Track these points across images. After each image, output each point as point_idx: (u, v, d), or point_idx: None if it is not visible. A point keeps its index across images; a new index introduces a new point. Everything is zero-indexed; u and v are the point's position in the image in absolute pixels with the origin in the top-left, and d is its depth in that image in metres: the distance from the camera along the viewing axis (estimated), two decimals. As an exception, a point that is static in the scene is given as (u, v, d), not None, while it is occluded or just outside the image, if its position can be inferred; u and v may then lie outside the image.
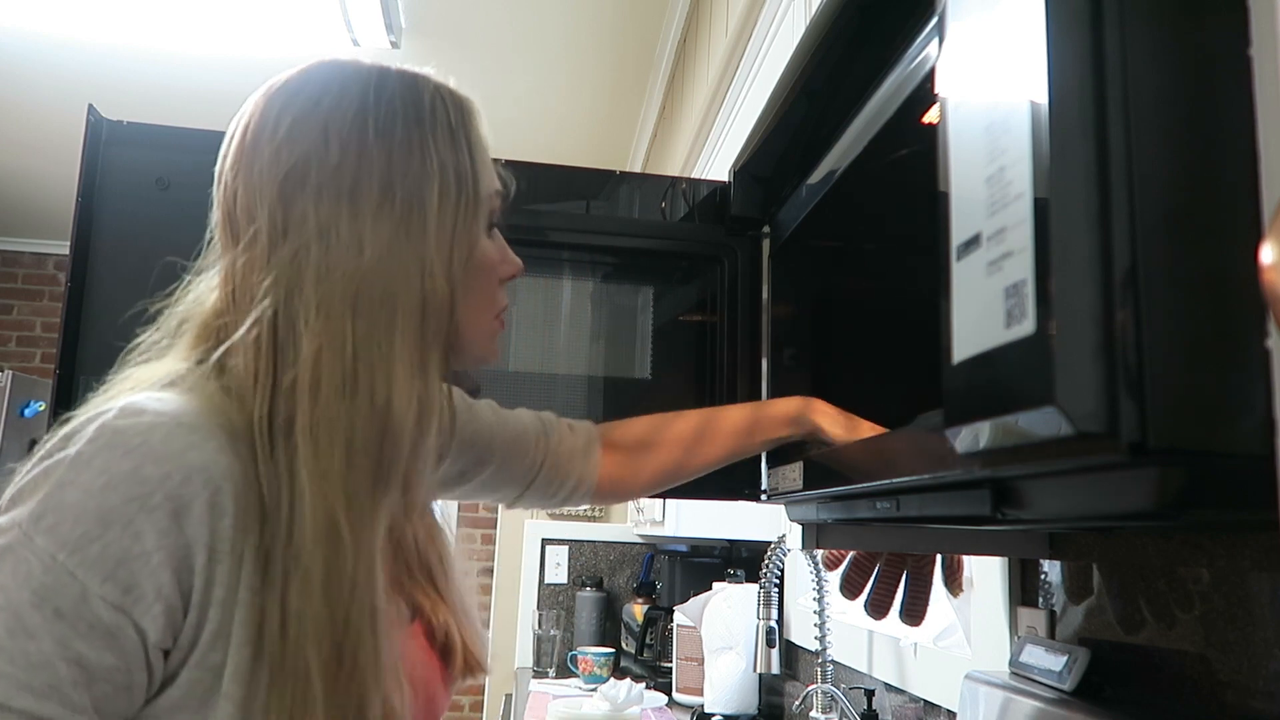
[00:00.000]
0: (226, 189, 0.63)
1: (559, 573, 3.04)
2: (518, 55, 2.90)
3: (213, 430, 0.55)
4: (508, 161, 0.75)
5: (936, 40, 0.48)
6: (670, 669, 2.35)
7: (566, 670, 2.73)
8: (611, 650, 2.62)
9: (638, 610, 2.72)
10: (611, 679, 2.20)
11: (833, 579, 1.15)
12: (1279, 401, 0.29)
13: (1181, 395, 0.35)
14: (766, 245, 1.10)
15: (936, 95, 0.46)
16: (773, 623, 1.55)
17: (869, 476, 0.66)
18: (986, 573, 1.02)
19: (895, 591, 0.95)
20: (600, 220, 1.11)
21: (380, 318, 0.59)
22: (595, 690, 2.17)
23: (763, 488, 1.01)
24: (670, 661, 2.37)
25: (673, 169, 2.62)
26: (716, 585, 2.13)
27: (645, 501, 2.49)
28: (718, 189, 1.12)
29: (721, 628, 2.04)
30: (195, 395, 0.57)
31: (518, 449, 0.87)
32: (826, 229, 0.94)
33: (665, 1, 2.62)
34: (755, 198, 1.08)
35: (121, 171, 0.99)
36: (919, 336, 0.56)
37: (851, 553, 0.98)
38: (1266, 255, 0.26)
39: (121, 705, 0.52)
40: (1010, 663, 0.89)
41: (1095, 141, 0.36)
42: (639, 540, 3.03)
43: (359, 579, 0.56)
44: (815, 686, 1.49)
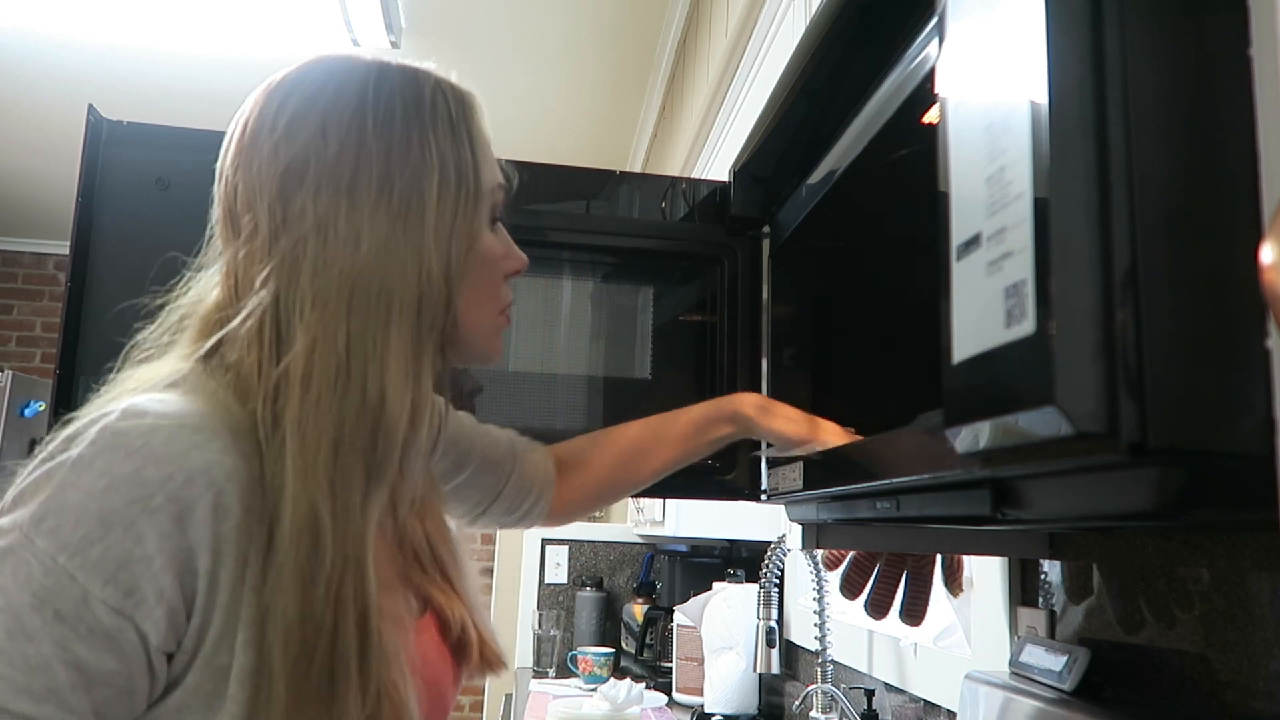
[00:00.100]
0: (227, 185, 0.63)
1: (559, 573, 3.04)
2: (518, 55, 2.90)
3: (216, 430, 0.54)
4: (507, 161, 0.75)
5: (936, 40, 0.48)
6: (670, 669, 2.35)
7: (566, 670, 2.73)
8: (611, 650, 2.62)
9: (638, 610, 2.72)
10: (611, 679, 2.20)
11: (833, 579, 1.15)
12: (1279, 401, 0.29)
13: (1181, 395, 0.35)
14: (766, 245, 1.10)
15: (936, 95, 0.46)
16: (773, 623, 1.55)
17: (869, 476, 0.66)
18: (986, 573, 1.02)
19: (895, 591, 0.95)
20: (600, 220, 1.11)
21: (376, 312, 0.59)
22: (595, 690, 2.16)
23: (763, 488, 1.01)
24: (670, 661, 2.37)
25: (673, 169, 2.62)
26: (716, 585, 2.13)
27: (645, 501, 2.49)
28: (718, 189, 1.11)
29: (721, 628, 2.04)
30: (199, 395, 0.57)
31: (491, 458, 0.88)
32: (826, 229, 0.94)
33: (665, 1, 2.62)
34: (755, 198, 1.08)
35: (121, 171, 0.99)
36: (919, 336, 0.56)
37: (851, 553, 0.98)
38: (1266, 255, 0.26)
39: (122, 709, 0.51)
40: (1010, 663, 0.89)
41: (1095, 141, 0.36)
42: (639, 540, 3.03)
43: (346, 576, 0.55)
44: (815, 686, 1.49)
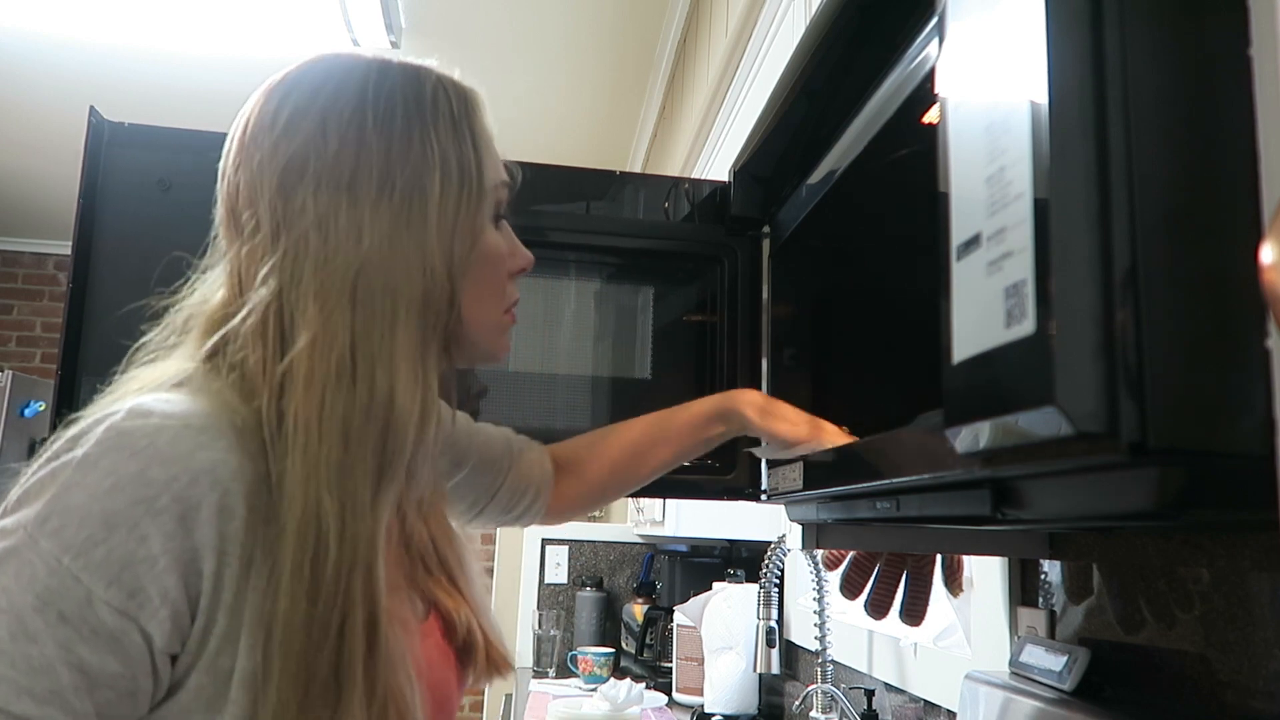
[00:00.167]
0: (229, 184, 0.63)
1: (559, 573, 3.04)
2: (518, 55, 2.90)
3: (222, 429, 0.54)
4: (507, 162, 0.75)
5: (936, 40, 0.48)
6: (670, 669, 2.35)
7: (566, 670, 2.73)
8: (611, 650, 2.62)
9: (638, 610, 2.72)
10: (611, 679, 2.20)
11: (833, 579, 1.15)
12: (1279, 401, 0.29)
13: (1181, 395, 0.35)
14: (766, 245, 1.10)
15: (936, 95, 0.46)
16: (773, 623, 1.55)
17: (869, 476, 0.66)
18: (986, 573, 1.02)
19: (895, 591, 0.94)
20: (600, 220, 1.11)
21: (381, 308, 0.58)
22: (595, 690, 2.16)
23: (763, 488, 1.01)
24: (670, 661, 2.37)
25: (673, 169, 2.62)
26: (716, 585, 2.13)
27: (645, 501, 2.49)
28: (718, 189, 1.12)
29: (721, 628, 2.04)
30: (204, 394, 0.56)
31: (488, 458, 0.88)
32: (826, 229, 0.94)
33: (665, 1, 2.62)
34: (755, 198, 1.08)
35: (123, 173, 0.99)
36: (919, 336, 0.56)
37: (851, 553, 0.98)
38: (1266, 255, 0.26)
39: (125, 711, 0.51)
40: (1010, 663, 0.89)
41: (1095, 141, 0.36)
42: (639, 540, 3.03)
43: (355, 577, 0.54)
44: (815, 686, 1.49)
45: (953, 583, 0.93)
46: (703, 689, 2.11)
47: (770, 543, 1.61)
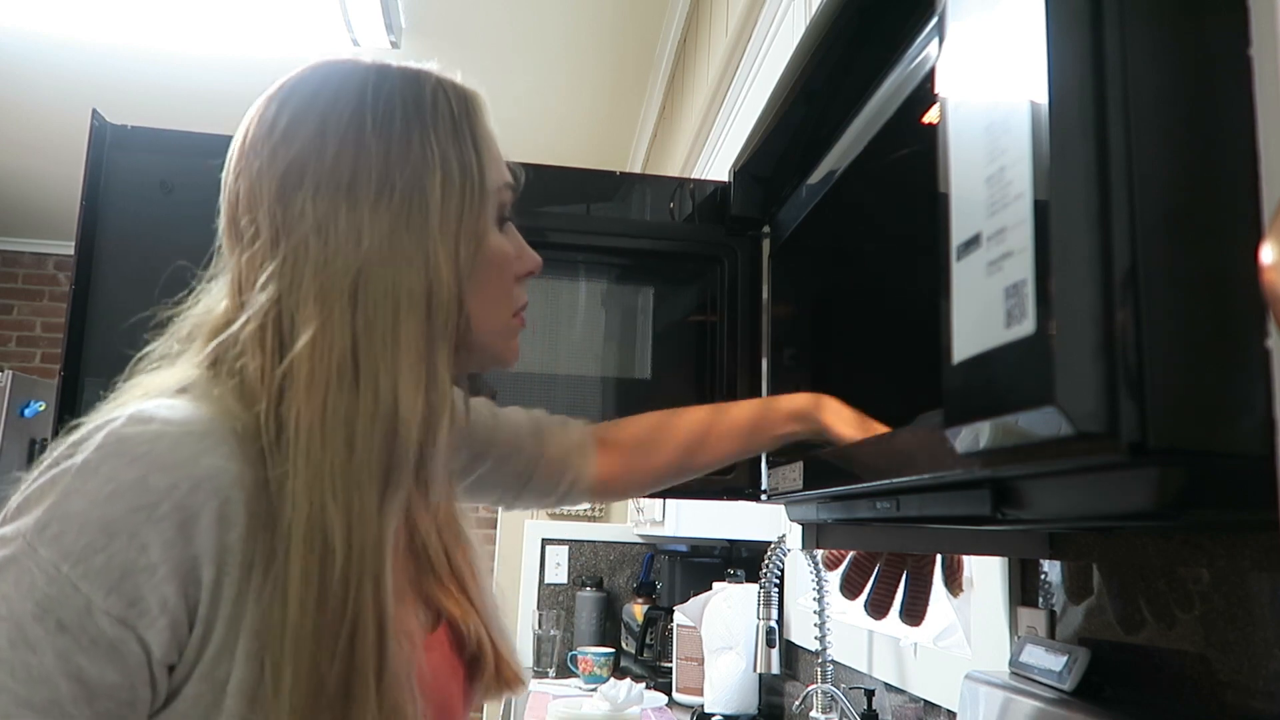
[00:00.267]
0: (230, 193, 0.62)
1: (559, 573, 3.04)
2: (518, 55, 2.90)
3: (223, 436, 0.53)
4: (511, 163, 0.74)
5: (936, 40, 0.48)
6: (670, 669, 2.35)
7: (566, 670, 2.73)
8: (611, 650, 2.62)
9: (638, 610, 2.72)
10: (611, 679, 2.20)
11: (833, 579, 1.15)
12: (1279, 401, 0.29)
13: (1181, 395, 0.35)
14: (766, 245, 1.10)
15: (936, 95, 0.46)
16: (773, 623, 1.55)
17: (869, 476, 0.66)
18: (986, 573, 1.02)
19: (895, 591, 0.94)
20: (600, 221, 1.11)
21: (382, 309, 0.57)
22: (595, 690, 2.17)
23: (763, 488, 1.01)
24: (670, 661, 2.37)
25: (673, 169, 2.62)
26: (716, 585, 2.13)
27: (645, 501, 2.49)
28: (718, 189, 1.12)
29: (721, 628, 2.04)
30: (205, 401, 0.56)
31: (512, 448, 0.86)
32: (826, 229, 0.94)
33: (665, 1, 2.62)
34: (755, 198, 1.08)
35: (125, 175, 0.99)
36: (919, 336, 0.56)
37: (851, 553, 0.98)
38: (1266, 255, 0.26)
39: None
40: (1010, 663, 0.89)
41: (1095, 141, 0.36)
42: (639, 540, 3.03)
43: (364, 587, 0.53)
44: (815, 686, 1.49)
45: (953, 583, 0.93)
46: (703, 689, 2.11)
47: (770, 543, 1.61)
